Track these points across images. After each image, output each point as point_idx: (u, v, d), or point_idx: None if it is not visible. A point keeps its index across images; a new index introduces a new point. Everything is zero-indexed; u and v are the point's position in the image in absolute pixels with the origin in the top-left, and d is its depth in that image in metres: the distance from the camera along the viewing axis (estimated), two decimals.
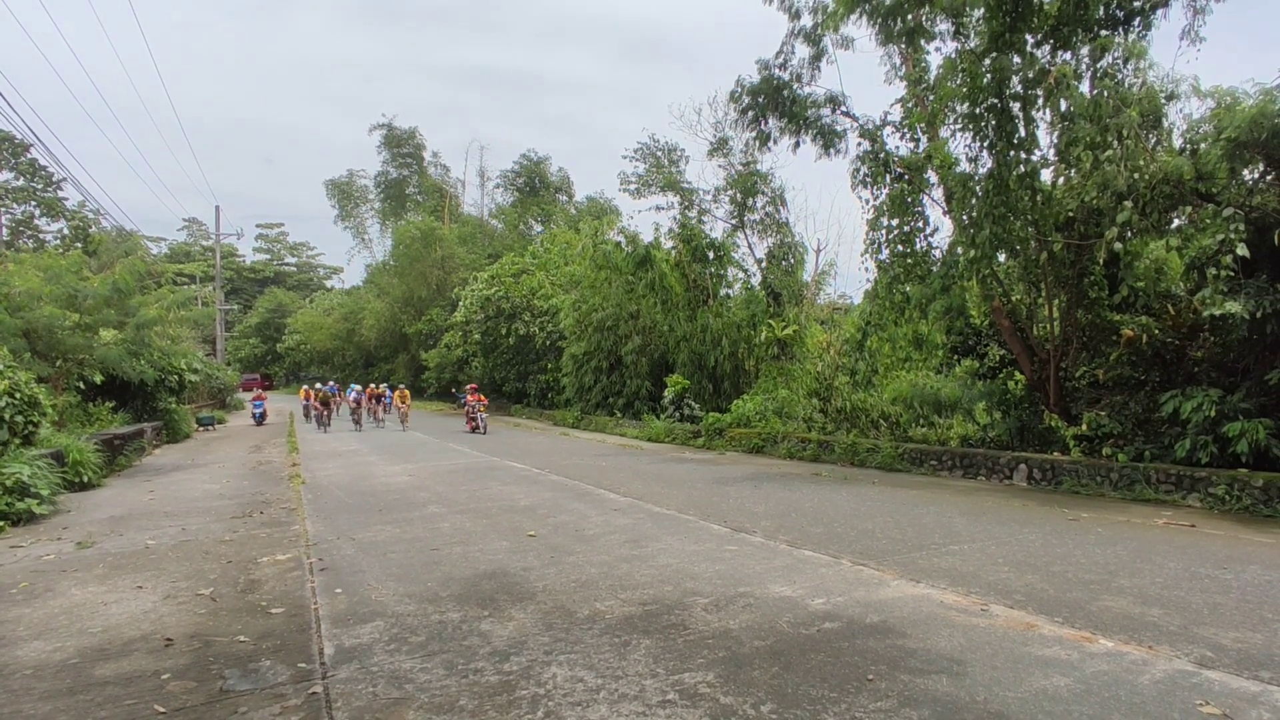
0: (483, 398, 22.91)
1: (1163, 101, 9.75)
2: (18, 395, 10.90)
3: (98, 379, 16.22)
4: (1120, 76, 10.14)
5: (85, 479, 12.09)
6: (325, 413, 25.53)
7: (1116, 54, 10.10)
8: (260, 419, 27.34)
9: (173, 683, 4.18)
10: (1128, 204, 9.00)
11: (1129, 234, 9.25)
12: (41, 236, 30.61)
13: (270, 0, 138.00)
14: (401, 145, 47.32)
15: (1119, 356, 10.59)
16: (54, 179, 28.96)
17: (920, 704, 3.60)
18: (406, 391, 26.55)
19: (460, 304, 32.46)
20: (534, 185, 43.33)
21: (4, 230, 31.86)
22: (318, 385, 27.53)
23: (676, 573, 6.11)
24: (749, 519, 8.43)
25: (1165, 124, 10.08)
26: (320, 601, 5.64)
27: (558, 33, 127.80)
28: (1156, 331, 10.37)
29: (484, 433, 21.69)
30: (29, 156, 28.60)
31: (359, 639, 4.76)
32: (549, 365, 28.09)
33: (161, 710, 3.81)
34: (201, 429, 25.45)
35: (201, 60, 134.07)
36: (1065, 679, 3.87)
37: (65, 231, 30.19)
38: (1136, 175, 9.02)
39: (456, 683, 4.04)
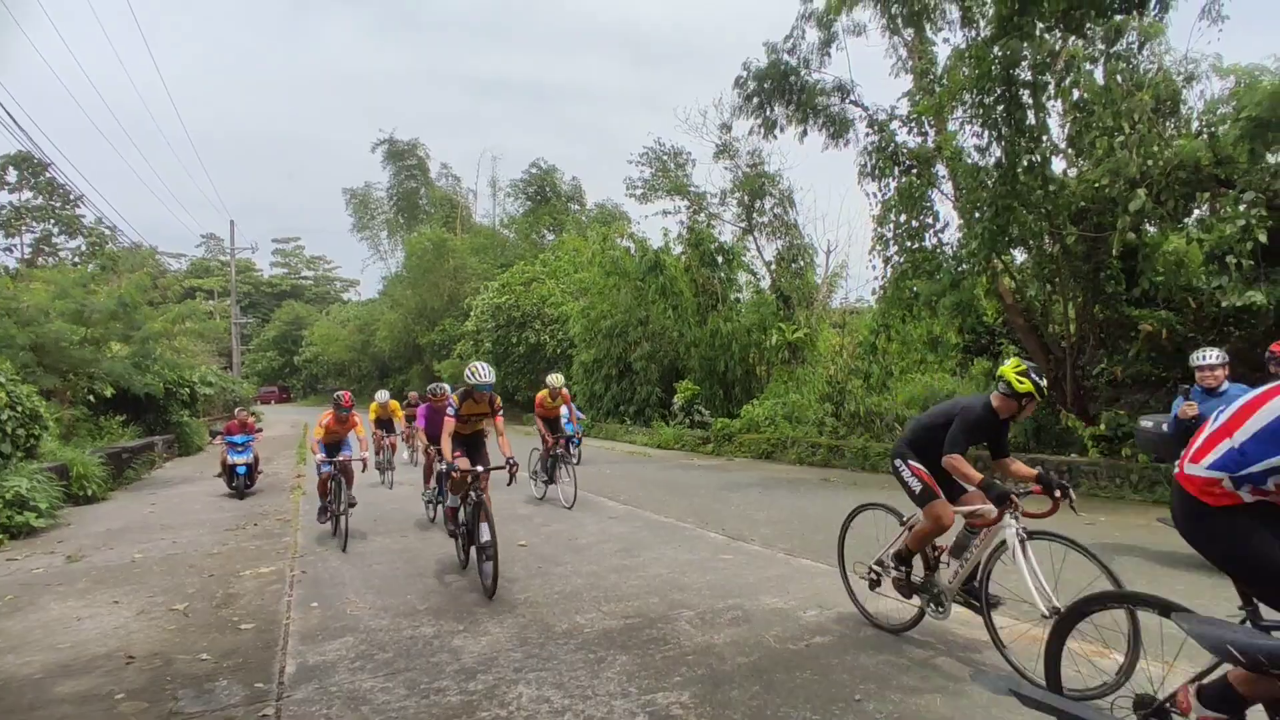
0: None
1: (1180, 84, 9.33)
2: (19, 408, 10.88)
3: (108, 392, 16.25)
4: (1136, 60, 9.73)
5: (89, 492, 12.03)
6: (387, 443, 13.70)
7: (1132, 37, 9.69)
8: (246, 479, 12.12)
9: (125, 703, 3.99)
10: (1140, 191, 8.60)
11: (1144, 223, 8.85)
12: (60, 254, 31.08)
13: (289, 14, 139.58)
14: (404, 158, 47.48)
15: (1138, 353, 10.15)
16: (72, 196, 29.39)
17: None
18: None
19: (471, 313, 32.42)
20: (545, 194, 43.30)
21: (26, 249, 32.45)
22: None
23: (666, 583, 5.83)
24: (749, 526, 8.13)
25: (1184, 109, 9.67)
26: (294, 616, 5.43)
27: (573, 40, 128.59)
28: (1178, 326, 9.92)
29: None
30: (47, 175, 29.06)
31: (324, 656, 4.54)
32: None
33: None
34: (215, 440, 25.49)
35: (221, 76, 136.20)
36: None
37: (83, 248, 30.61)
38: (1150, 162, 8.62)
39: (416, 704, 3.80)
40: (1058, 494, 4.00)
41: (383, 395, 14.34)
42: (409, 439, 15.64)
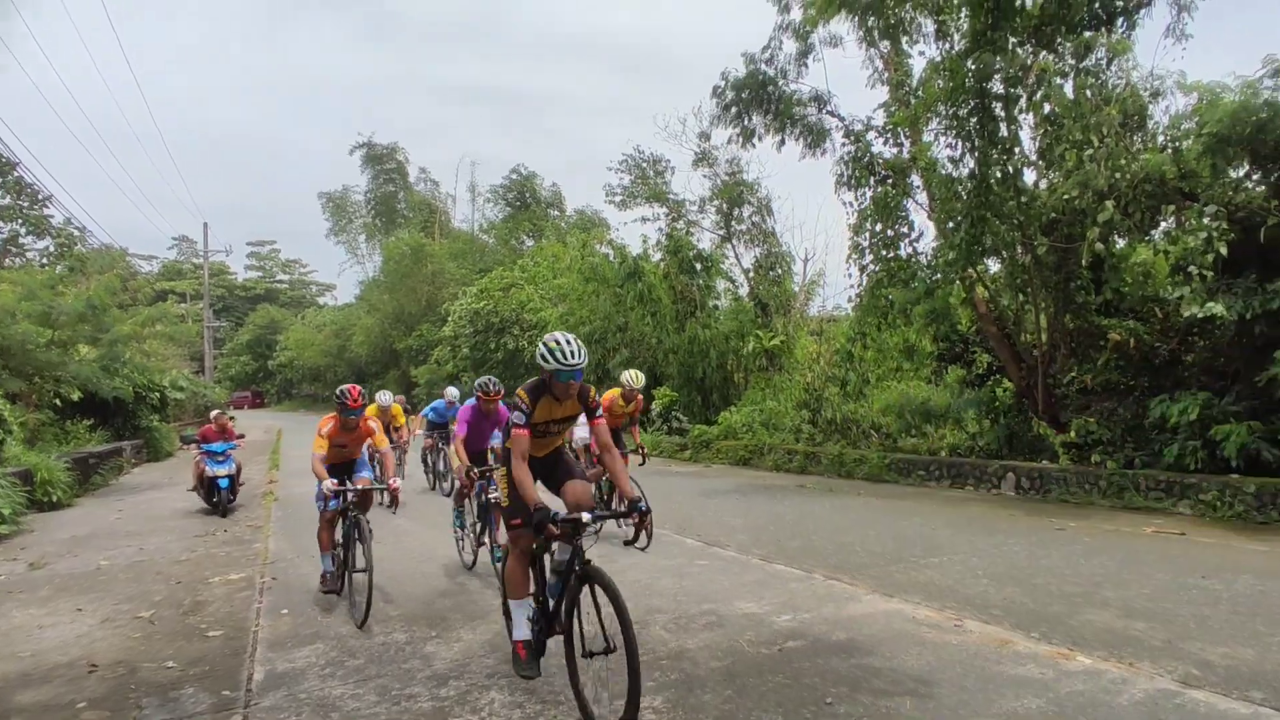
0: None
1: (1146, 100, 9.57)
2: None
3: (75, 396, 15.92)
4: (1103, 75, 9.96)
5: (54, 498, 11.76)
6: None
7: (1100, 53, 9.91)
8: (228, 493, 10.62)
9: (87, 712, 3.91)
10: (1109, 203, 8.79)
11: (1112, 234, 9.04)
12: (28, 255, 30.40)
13: (271, 19, 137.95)
14: (383, 161, 47.13)
15: (1107, 362, 10.34)
16: (40, 196, 28.73)
17: None
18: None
19: (449, 318, 32.21)
20: (524, 200, 43.18)
21: None
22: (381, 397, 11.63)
23: (641, 589, 5.82)
24: (725, 532, 8.15)
25: (1150, 123, 9.90)
26: (263, 623, 5.35)
27: (553, 49, 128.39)
28: (1145, 335, 10.13)
29: None
30: (15, 175, 28.41)
31: (293, 663, 4.48)
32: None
33: None
34: (186, 447, 25.03)
35: (197, 80, 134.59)
36: (1037, 700, 3.59)
37: (51, 249, 29.96)
38: (1118, 174, 8.81)
39: (386, 710, 3.76)
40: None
41: (385, 397, 11.53)
42: (433, 453, 12.55)
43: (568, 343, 3.69)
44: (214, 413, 11.91)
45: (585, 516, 3.50)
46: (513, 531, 3.92)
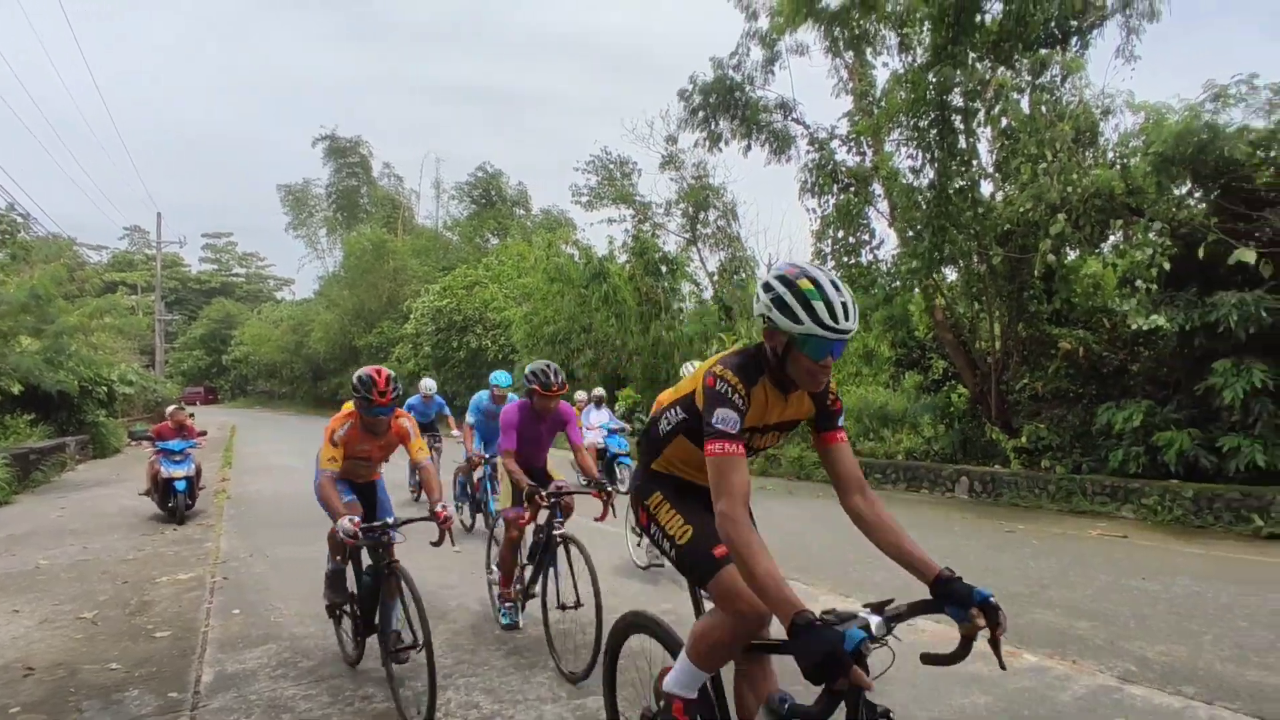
0: None
1: (1098, 117, 9.92)
2: None
3: (15, 389, 15.32)
4: (1058, 92, 10.30)
5: None
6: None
7: (1055, 70, 10.25)
8: (186, 497, 9.62)
9: (21, 716, 3.77)
10: (1060, 216, 9.09)
11: (1063, 246, 9.34)
12: None
13: (249, 16, 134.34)
14: (346, 155, 46.36)
15: (1057, 369, 10.66)
16: None
17: None
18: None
19: (411, 316, 31.80)
20: (490, 198, 42.87)
21: None
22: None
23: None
24: None
25: (1101, 140, 10.27)
26: (213, 623, 5.22)
27: (522, 49, 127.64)
28: (1093, 345, 10.48)
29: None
30: None
31: (244, 664, 4.39)
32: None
33: None
34: (135, 443, 24.26)
35: (159, 74, 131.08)
36: (985, 696, 3.70)
37: None
38: (1070, 189, 9.11)
39: (340, 711, 3.71)
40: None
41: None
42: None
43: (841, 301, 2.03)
44: (170, 408, 10.89)
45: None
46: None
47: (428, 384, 10.20)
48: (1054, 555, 6.95)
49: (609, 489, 4.40)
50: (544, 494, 4.39)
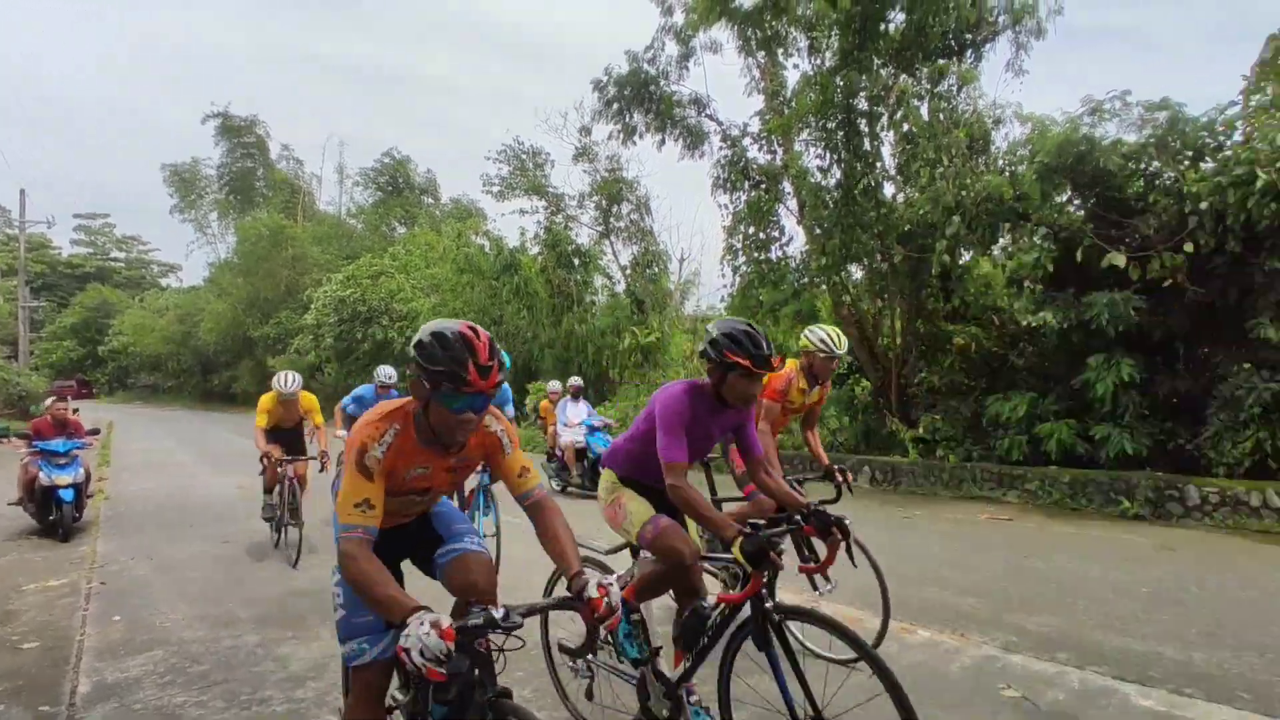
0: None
1: (990, 126, 10.55)
2: None
3: None
4: (955, 101, 10.89)
5: None
6: None
7: (952, 79, 10.82)
8: (73, 507, 8.04)
9: None
10: (955, 219, 9.62)
11: (958, 247, 9.89)
12: None
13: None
14: (241, 134, 43.68)
15: (951, 364, 11.29)
16: None
17: None
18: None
19: (312, 305, 30.39)
20: (397, 185, 41.43)
21: None
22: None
23: (513, 583, 5.74)
24: (596, 526, 8.18)
25: (993, 147, 10.91)
26: (89, 631, 4.83)
27: (431, 33, 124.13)
28: (984, 341, 11.15)
29: None
30: None
31: (126, 673, 4.08)
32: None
33: None
34: (3, 442, 22.13)
35: (46, 39, 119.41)
36: None
37: None
38: (964, 192, 9.65)
39: (235, 715, 3.51)
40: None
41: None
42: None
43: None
44: (48, 401, 9.19)
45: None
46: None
47: (386, 371, 7.93)
48: (946, 538, 7.37)
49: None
50: (778, 547, 2.64)
